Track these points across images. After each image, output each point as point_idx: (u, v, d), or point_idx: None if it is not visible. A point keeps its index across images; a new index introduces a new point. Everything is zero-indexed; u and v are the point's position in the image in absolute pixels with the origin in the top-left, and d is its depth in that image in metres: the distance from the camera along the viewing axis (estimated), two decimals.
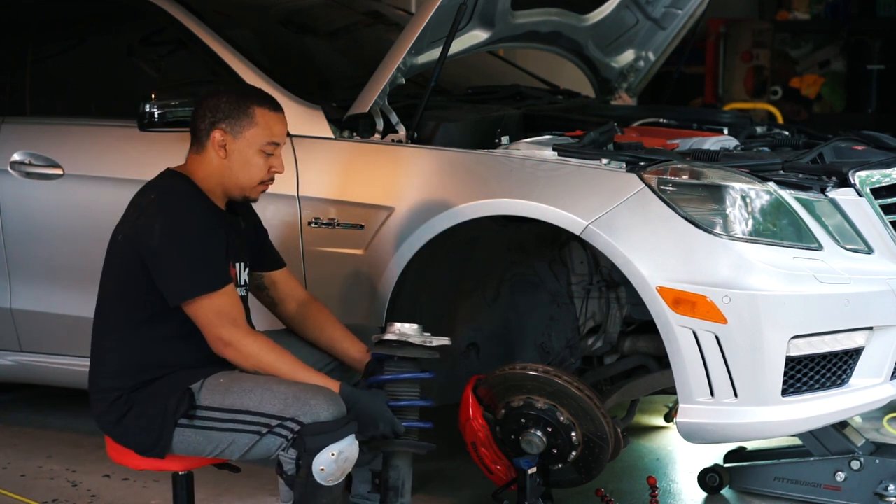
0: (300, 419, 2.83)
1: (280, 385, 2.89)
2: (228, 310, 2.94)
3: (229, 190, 3.07)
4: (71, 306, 4.09)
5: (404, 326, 3.06)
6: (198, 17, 4.07)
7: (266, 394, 2.87)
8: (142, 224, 2.96)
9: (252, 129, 3.03)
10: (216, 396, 2.91)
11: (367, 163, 3.65)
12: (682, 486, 3.95)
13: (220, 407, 2.90)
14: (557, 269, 3.79)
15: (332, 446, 2.83)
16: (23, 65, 4.41)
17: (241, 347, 2.93)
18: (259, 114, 3.04)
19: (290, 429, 2.85)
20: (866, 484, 3.56)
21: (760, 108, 8.50)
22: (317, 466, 2.83)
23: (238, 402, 2.89)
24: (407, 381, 3.06)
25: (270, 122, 3.05)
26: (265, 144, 3.04)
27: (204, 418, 2.92)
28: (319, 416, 2.83)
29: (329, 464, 2.84)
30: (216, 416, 2.91)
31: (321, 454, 2.83)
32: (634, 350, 3.76)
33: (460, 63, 4.32)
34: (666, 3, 4.69)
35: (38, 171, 4.12)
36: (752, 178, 3.29)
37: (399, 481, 3.07)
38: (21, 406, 4.91)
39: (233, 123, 3.03)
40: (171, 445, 2.94)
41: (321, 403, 2.84)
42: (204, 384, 2.94)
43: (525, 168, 3.44)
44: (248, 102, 3.06)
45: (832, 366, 3.29)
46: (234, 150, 3.04)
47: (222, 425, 2.90)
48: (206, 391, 2.93)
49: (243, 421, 2.88)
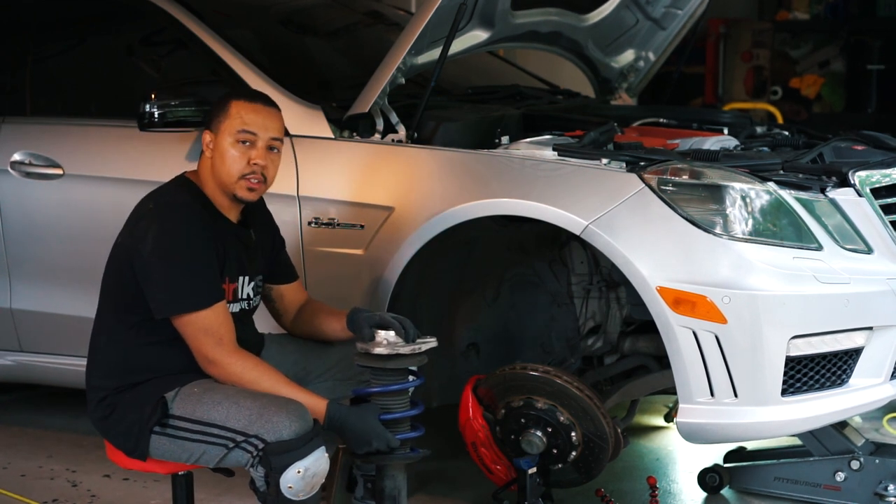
0: (263, 437, 2.79)
1: (247, 399, 2.85)
2: (215, 328, 2.92)
3: (223, 190, 3.06)
4: (71, 306, 4.09)
5: (390, 335, 2.97)
6: (198, 17, 4.07)
7: (233, 408, 2.85)
8: (136, 232, 2.96)
9: (226, 122, 3.02)
10: (188, 406, 2.91)
11: (367, 163, 3.65)
12: (682, 486, 3.95)
13: (190, 418, 2.89)
14: (557, 269, 3.79)
15: (297, 464, 2.78)
16: (23, 65, 4.41)
17: (225, 366, 2.92)
18: (233, 105, 3.04)
19: (254, 445, 2.81)
20: (866, 484, 3.56)
21: (760, 108, 8.50)
22: (284, 484, 2.79)
23: (206, 414, 2.88)
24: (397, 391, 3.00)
25: (242, 111, 3.03)
26: (237, 133, 3.01)
27: (176, 427, 2.91)
28: (282, 434, 2.78)
29: (296, 481, 2.79)
30: (187, 427, 2.90)
31: (287, 472, 2.78)
32: (634, 350, 3.76)
33: (460, 63, 4.32)
34: (666, 3, 4.69)
35: (38, 171, 4.12)
36: (752, 178, 3.29)
37: (395, 490, 3.02)
38: (21, 406, 4.91)
39: (215, 121, 3.05)
40: (148, 450, 2.95)
41: (283, 420, 2.79)
42: (178, 393, 2.93)
43: (525, 168, 3.44)
44: (228, 98, 3.07)
45: (832, 366, 3.29)
46: (217, 147, 3.03)
47: (193, 436, 2.90)
48: (179, 401, 2.92)
49: (212, 434, 2.87)
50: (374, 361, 2.98)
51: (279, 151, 3.09)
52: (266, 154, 3.05)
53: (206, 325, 2.92)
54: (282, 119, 3.12)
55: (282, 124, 3.11)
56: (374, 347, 2.97)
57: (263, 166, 3.04)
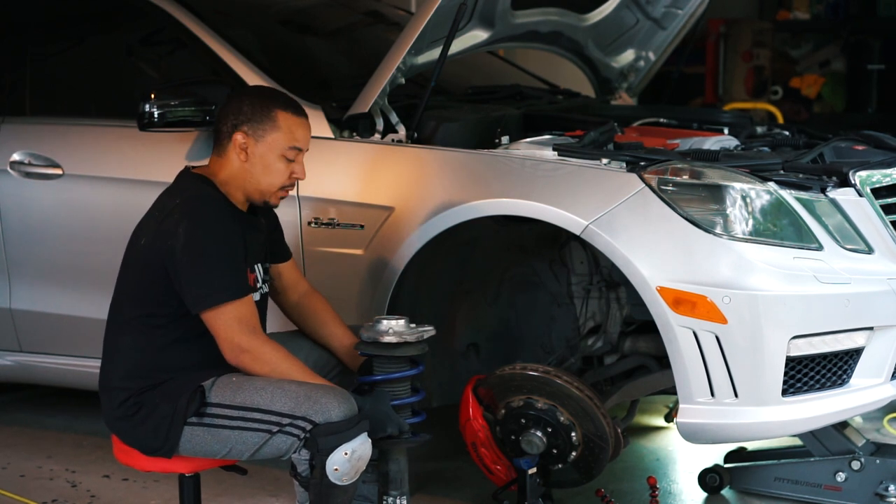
0: (312, 418, 2.83)
1: (291, 384, 2.89)
2: (249, 317, 2.93)
3: (249, 194, 3.06)
4: (71, 306, 4.09)
5: (392, 323, 3.04)
6: (198, 17, 4.07)
7: (277, 392, 2.87)
8: (166, 228, 2.93)
9: (274, 134, 3.01)
10: (227, 394, 2.91)
11: (367, 163, 3.65)
12: (683, 486, 3.95)
13: (230, 404, 2.90)
14: (557, 269, 3.79)
15: (344, 446, 2.82)
16: (22, 64, 4.41)
17: (260, 354, 2.92)
18: (282, 118, 3.02)
19: (301, 428, 2.84)
20: (867, 484, 3.56)
21: (761, 107, 8.49)
22: (330, 466, 2.83)
23: (249, 399, 2.88)
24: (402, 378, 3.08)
25: (293, 126, 3.03)
26: (287, 149, 3.03)
27: (214, 415, 2.91)
28: (331, 416, 2.83)
29: (343, 463, 2.83)
30: (226, 414, 2.90)
31: (334, 454, 2.82)
32: (634, 350, 3.76)
33: (460, 63, 4.32)
34: (666, 3, 4.69)
35: (37, 171, 4.12)
36: (752, 178, 3.29)
37: (400, 474, 3.09)
38: (21, 406, 4.91)
39: (255, 126, 3.01)
40: (178, 445, 2.93)
41: (332, 402, 2.84)
42: (216, 382, 2.94)
43: (525, 168, 3.43)
44: (272, 105, 3.03)
45: (832, 366, 3.29)
46: (256, 154, 3.02)
47: (232, 423, 2.89)
48: (217, 389, 2.92)
49: (253, 419, 2.88)
50: (382, 350, 3.05)
51: None
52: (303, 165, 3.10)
53: (241, 315, 2.91)
54: None
55: None
56: (383, 336, 3.03)
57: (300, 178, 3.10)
